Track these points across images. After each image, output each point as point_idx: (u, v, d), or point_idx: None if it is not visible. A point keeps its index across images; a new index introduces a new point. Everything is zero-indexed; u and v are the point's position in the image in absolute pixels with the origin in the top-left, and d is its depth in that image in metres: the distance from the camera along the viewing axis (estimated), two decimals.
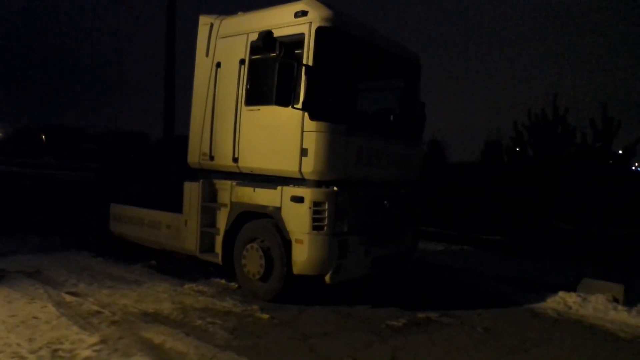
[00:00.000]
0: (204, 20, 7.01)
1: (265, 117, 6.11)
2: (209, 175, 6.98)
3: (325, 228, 5.59)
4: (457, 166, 18.81)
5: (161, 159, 13.07)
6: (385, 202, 6.50)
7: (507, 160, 15.50)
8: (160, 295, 6.22)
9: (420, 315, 5.84)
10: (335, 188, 5.69)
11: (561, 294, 6.64)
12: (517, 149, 14.51)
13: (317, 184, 5.72)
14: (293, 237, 5.73)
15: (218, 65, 6.75)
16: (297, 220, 5.67)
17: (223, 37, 6.75)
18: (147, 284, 6.72)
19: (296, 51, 5.73)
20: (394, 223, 6.73)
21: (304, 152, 5.64)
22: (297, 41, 5.74)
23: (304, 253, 5.63)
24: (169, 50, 14.19)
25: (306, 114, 5.62)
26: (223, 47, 6.73)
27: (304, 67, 5.58)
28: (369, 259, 6.20)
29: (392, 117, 6.63)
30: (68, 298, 5.89)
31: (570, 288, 6.82)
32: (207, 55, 6.92)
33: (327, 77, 5.69)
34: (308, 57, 5.64)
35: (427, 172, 16.11)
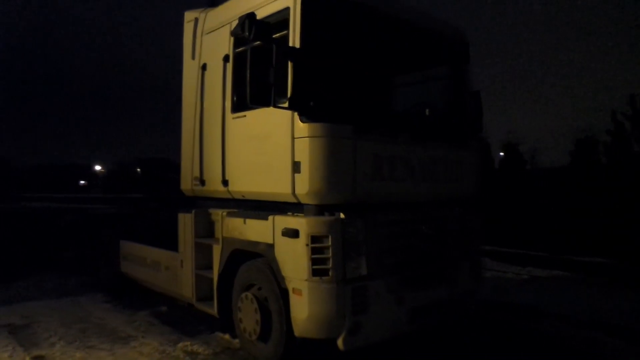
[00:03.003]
0: (188, 17, 5.80)
1: (251, 125, 4.67)
2: (206, 204, 5.65)
3: (330, 272, 3.95)
4: (543, 172, 16.17)
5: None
6: (425, 228, 4.72)
7: (606, 160, 12.72)
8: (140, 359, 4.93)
9: None
10: (342, 215, 4.05)
11: None
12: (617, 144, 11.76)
13: (318, 210, 4.13)
14: (290, 286, 4.15)
15: (204, 67, 5.46)
16: (293, 262, 4.10)
17: (208, 33, 5.46)
18: (137, 341, 5.49)
19: (282, 32, 4.25)
20: (441, 257, 4.91)
21: (296, 167, 4.09)
22: (282, 20, 4.27)
23: (304, 308, 4.02)
24: None
25: (296, 114, 4.08)
26: (208, 45, 5.44)
27: (290, 52, 4.07)
28: (404, 310, 4.43)
29: (427, 112, 4.87)
30: None
31: None
32: (193, 57, 5.67)
33: (321, 62, 4.13)
34: (294, 37, 4.13)
35: (505, 181, 13.79)
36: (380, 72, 5.17)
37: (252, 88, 3.95)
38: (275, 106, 4.00)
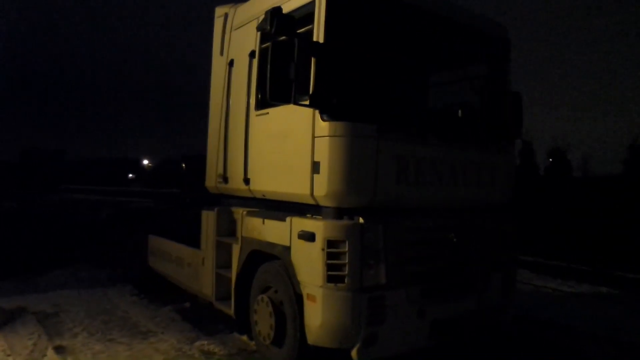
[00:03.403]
0: (219, 12, 5.73)
1: (274, 123, 4.53)
2: (229, 202, 5.58)
3: (346, 279, 3.75)
4: (593, 180, 15.29)
5: None
6: (452, 236, 4.43)
7: None
8: (154, 357, 4.90)
9: None
10: (361, 219, 3.84)
11: None
12: None
13: (337, 213, 3.93)
14: (304, 292, 3.99)
15: (231, 63, 5.39)
16: (308, 266, 3.93)
17: (236, 29, 5.38)
18: (156, 337, 5.50)
19: (308, 27, 4.09)
20: (469, 267, 4.59)
21: (315, 167, 3.92)
22: (308, 13, 4.10)
23: (317, 316, 3.84)
24: None
25: (317, 112, 3.91)
26: (236, 41, 5.36)
27: (312, 47, 3.90)
28: (425, 323, 4.16)
29: (460, 113, 4.58)
30: (49, 356, 4.88)
31: None
32: (221, 53, 5.61)
33: (345, 58, 3.94)
34: (319, 31, 3.95)
35: (550, 188, 13.08)
36: (409, 69, 4.89)
37: (272, 84, 3.81)
38: (295, 103, 3.84)
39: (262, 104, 4.71)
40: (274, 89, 3.81)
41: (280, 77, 3.81)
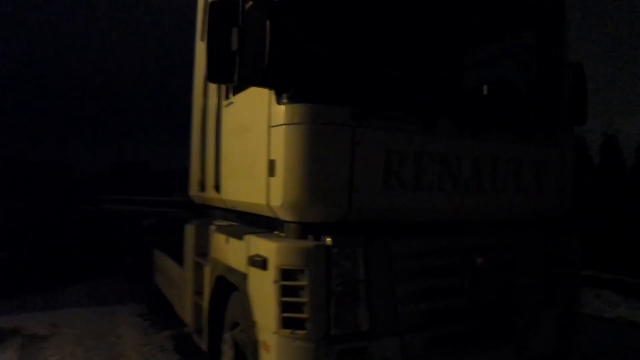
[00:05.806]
0: None
1: (237, 114, 3.58)
2: (214, 213, 4.68)
3: (306, 324, 2.65)
4: None
5: None
6: (478, 260, 3.17)
7: None
8: None
9: None
10: (328, 240, 2.73)
11: None
12: None
13: (300, 230, 2.86)
14: (259, 337, 2.94)
15: None
16: (262, 304, 2.89)
17: None
18: None
19: None
20: (505, 303, 3.30)
21: (271, 168, 2.88)
22: None
23: None
24: None
25: (273, 94, 2.88)
26: None
27: (266, 6, 2.87)
28: None
29: (486, 91, 3.32)
30: None
31: None
32: (202, 38, 4.75)
33: (310, 19, 2.86)
34: None
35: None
36: (411, 31, 3.58)
37: (211, 57, 2.83)
38: (240, 81, 2.84)
39: (230, 92, 3.77)
40: (214, 64, 2.83)
41: (221, 48, 2.83)
